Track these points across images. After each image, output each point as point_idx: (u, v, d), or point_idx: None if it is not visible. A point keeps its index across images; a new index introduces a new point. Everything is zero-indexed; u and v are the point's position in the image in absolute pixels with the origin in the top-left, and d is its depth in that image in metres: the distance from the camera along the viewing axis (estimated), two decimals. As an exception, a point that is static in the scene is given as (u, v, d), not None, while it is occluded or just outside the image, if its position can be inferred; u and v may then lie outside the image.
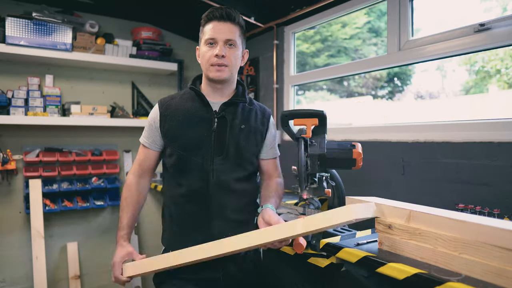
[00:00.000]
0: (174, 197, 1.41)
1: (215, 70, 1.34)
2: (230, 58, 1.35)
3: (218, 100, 1.42)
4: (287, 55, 2.85)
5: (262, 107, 1.52)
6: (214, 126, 1.37)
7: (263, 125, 1.47)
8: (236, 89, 1.47)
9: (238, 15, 1.37)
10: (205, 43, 1.36)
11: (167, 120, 1.39)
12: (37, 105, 2.62)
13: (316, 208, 1.77)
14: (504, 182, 1.54)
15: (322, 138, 1.50)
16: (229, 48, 1.34)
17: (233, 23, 1.35)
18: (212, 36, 1.33)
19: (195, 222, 1.37)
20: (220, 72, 1.34)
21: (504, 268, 0.94)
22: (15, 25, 2.47)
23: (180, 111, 1.40)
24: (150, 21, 3.20)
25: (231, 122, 1.38)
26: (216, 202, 1.36)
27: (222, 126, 1.38)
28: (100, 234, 3.03)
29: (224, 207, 1.37)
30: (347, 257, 1.33)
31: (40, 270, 2.56)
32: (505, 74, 2.74)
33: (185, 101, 1.42)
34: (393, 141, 2.02)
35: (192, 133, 1.36)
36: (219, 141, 1.36)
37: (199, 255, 1.25)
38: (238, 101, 1.43)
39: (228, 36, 1.33)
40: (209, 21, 1.35)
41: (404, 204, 1.30)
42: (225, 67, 1.34)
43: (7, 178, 2.64)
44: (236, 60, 1.38)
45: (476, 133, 1.67)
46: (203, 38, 1.37)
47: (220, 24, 1.33)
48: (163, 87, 3.32)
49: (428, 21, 2.23)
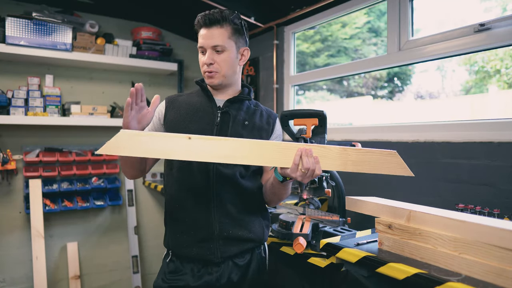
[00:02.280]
0: (174, 195, 1.40)
1: (207, 77, 1.37)
2: (220, 63, 1.35)
3: (223, 98, 1.43)
4: (287, 55, 2.85)
5: (269, 110, 1.52)
6: (217, 120, 1.38)
7: (269, 124, 1.46)
8: (242, 90, 1.48)
9: (225, 16, 1.33)
10: (199, 50, 1.38)
11: (172, 113, 1.40)
12: (37, 105, 2.62)
13: (316, 208, 1.77)
14: (504, 182, 1.55)
15: (322, 138, 1.50)
16: (217, 54, 1.34)
17: (218, 27, 1.33)
18: (200, 44, 1.35)
19: (196, 219, 1.36)
20: (212, 79, 1.37)
21: (504, 268, 0.94)
22: (15, 25, 2.47)
23: (185, 105, 1.42)
24: (150, 21, 3.20)
25: (234, 118, 1.39)
26: (217, 199, 1.35)
27: (225, 121, 1.38)
28: (100, 234, 3.03)
29: (225, 204, 1.36)
30: (347, 257, 1.33)
31: (40, 270, 2.56)
32: (505, 74, 2.74)
33: (192, 97, 1.45)
34: (393, 141, 2.02)
35: (193, 127, 1.36)
36: (221, 135, 1.36)
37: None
38: (243, 99, 1.44)
39: (214, 42, 1.32)
40: (199, 28, 1.37)
41: (404, 204, 1.30)
42: (215, 73, 1.35)
43: (7, 178, 2.64)
44: (227, 63, 1.36)
45: (476, 133, 1.67)
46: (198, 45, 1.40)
47: (207, 31, 1.33)
48: (163, 87, 3.32)
49: (428, 21, 2.23)
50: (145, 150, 1.09)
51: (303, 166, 1.13)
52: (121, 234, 3.12)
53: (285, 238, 1.65)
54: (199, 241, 1.35)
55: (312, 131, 1.47)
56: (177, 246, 1.38)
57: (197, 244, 1.35)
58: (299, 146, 1.15)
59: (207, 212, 1.35)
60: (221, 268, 1.36)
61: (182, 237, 1.37)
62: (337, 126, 2.60)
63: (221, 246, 1.35)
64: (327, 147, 1.18)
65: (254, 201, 1.45)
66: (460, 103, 3.11)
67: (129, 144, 1.08)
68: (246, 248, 1.40)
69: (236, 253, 1.38)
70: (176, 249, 1.39)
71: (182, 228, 1.37)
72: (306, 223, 1.66)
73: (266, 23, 2.84)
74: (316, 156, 1.15)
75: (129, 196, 3.14)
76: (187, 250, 1.35)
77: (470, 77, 3.01)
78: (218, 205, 1.35)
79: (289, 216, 1.80)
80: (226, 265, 1.37)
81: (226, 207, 1.36)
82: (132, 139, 1.08)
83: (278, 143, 1.18)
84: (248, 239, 1.39)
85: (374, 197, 1.45)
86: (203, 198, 1.35)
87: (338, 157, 1.18)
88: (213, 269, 1.36)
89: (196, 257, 1.35)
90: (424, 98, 3.88)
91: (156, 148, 1.10)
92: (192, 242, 1.35)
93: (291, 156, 1.15)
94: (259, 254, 1.46)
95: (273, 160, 1.16)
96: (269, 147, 1.16)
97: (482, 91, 2.96)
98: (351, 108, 4.50)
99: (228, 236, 1.35)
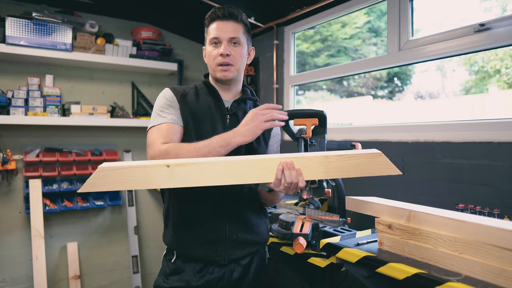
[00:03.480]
0: (181, 196, 1.37)
1: (221, 70, 1.34)
2: (235, 56, 1.34)
3: (227, 99, 1.42)
4: (287, 55, 2.85)
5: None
6: (227, 123, 1.37)
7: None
8: (243, 91, 1.48)
9: (241, 13, 1.37)
10: (210, 43, 1.36)
11: (183, 111, 1.36)
12: (37, 105, 2.62)
13: (316, 208, 1.77)
14: (504, 182, 1.55)
15: (322, 138, 1.50)
16: (233, 47, 1.34)
17: (236, 21, 1.35)
18: (216, 35, 1.33)
19: (203, 222, 1.34)
20: (226, 72, 1.34)
21: (504, 268, 0.94)
22: (15, 25, 2.47)
23: (195, 104, 1.37)
24: (150, 21, 3.20)
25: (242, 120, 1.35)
26: (225, 200, 1.34)
27: (234, 123, 1.36)
28: (100, 234, 3.03)
29: (233, 206, 1.35)
30: (347, 257, 1.33)
31: (40, 270, 2.56)
32: (505, 74, 2.74)
33: (199, 95, 1.41)
34: (393, 141, 2.02)
35: (207, 127, 1.34)
36: None
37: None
38: (249, 99, 1.44)
39: (232, 34, 1.33)
40: (212, 21, 1.36)
41: (404, 204, 1.30)
42: (230, 66, 1.34)
43: (7, 178, 2.64)
44: (242, 58, 1.37)
45: (476, 133, 1.67)
46: (208, 38, 1.38)
47: (223, 23, 1.33)
48: (163, 87, 3.24)
49: (428, 21, 2.23)
50: (127, 182, 1.07)
51: (285, 180, 1.12)
52: (121, 234, 3.12)
53: (285, 238, 1.65)
54: (207, 243, 1.33)
55: (312, 131, 1.47)
56: (182, 246, 1.36)
57: (205, 245, 1.33)
58: (281, 159, 1.13)
59: (216, 214, 1.34)
60: (224, 269, 1.35)
61: (189, 238, 1.35)
62: (337, 126, 2.60)
63: (228, 249, 1.34)
64: (306, 157, 1.15)
65: (258, 201, 1.44)
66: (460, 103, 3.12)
67: (110, 180, 1.06)
68: (252, 250, 1.40)
69: (242, 256, 1.37)
70: (180, 249, 1.37)
71: (189, 228, 1.35)
72: (306, 223, 1.66)
73: (266, 23, 2.84)
74: (298, 168, 1.13)
75: (129, 196, 3.14)
76: (193, 251, 1.34)
77: (470, 77, 3.01)
78: (226, 207, 1.34)
79: (289, 216, 1.80)
80: (230, 266, 1.37)
81: (234, 209, 1.35)
82: (113, 174, 1.07)
83: (261, 159, 1.14)
84: (255, 242, 1.39)
85: (374, 197, 1.45)
86: (211, 199, 1.33)
87: (319, 165, 1.14)
88: (215, 269, 1.35)
89: (201, 258, 1.34)
90: (424, 98, 3.88)
91: (136, 179, 1.07)
92: (199, 244, 1.33)
93: (275, 170, 1.13)
94: (261, 254, 1.47)
95: (261, 176, 1.13)
96: (252, 164, 1.12)
97: (482, 91, 2.96)
98: (351, 108, 4.50)
99: (237, 240, 1.35)
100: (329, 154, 1.15)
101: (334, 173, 1.15)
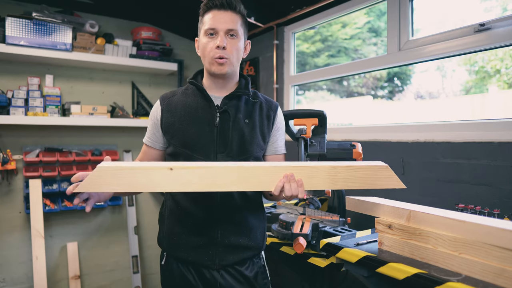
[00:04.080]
0: (176, 198, 1.35)
1: (217, 64, 1.27)
2: (232, 50, 1.26)
3: (220, 95, 1.35)
4: (287, 55, 2.85)
5: (269, 101, 1.41)
6: (217, 122, 1.30)
7: (269, 118, 1.37)
8: (239, 82, 1.39)
9: (239, 3, 1.29)
10: (205, 33, 1.27)
11: (168, 116, 1.32)
12: (37, 105, 2.62)
13: (316, 208, 1.77)
14: (504, 182, 1.55)
15: (322, 138, 1.50)
16: (230, 39, 1.26)
17: (234, 12, 1.26)
18: (212, 26, 1.24)
19: (198, 224, 1.32)
20: (222, 66, 1.27)
21: (504, 268, 0.94)
22: (15, 25, 2.47)
23: (181, 106, 1.33)
24: (150, 21, 3.20)
25: (234, 117, 1.31)
26: (221, 203, 1.30)
27: (224, 121, 1.31)
28: (100, 234, 3.03)
29: (229, 209, 1.32)
30: (347, 257, 1.33)
31: (40, 270, 2.56)
32: (505, 74, 2.73)
33: (187, 96, 1.36)
34: (393, 141, 2.02)
35: (193, 130, 1.29)
36: (222, 137, 1.29)
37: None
38: (241, 94, 1.34)
39: (229, 25, 1.24)
40: (208, 9, 1.27)
41: (404, 204, 1.30)
42: (226, 60, 1.26)
43: (7, 178, 2.64)
44: (238, 52, 1.29)
45: (476, 133, 1.67)
46: (203, 28, 1.28)
47: (221, 13, 1.24)
48: (163, 87, 3.32)
49: (428, 21, 2.23)
50: (127, 184, 1.05)
51: (285, 193, 1.10)
52: (121, 234, 3.12)
53: (285, 238, 1.65)
54: (199, 246, 1.30)
55: (312, 131, 1.47)
56: (173, 248, 1.35)
57: (196, 249, 1.31)
58: (286, 170, 1.11)
59: (211, 216, 1.31)
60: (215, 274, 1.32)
61: (180, 240, 1.32)
62: (337, 126, 2.60)
63: (220, 253, 1.30)
64: (315, 167, 1.14)
65: (256, 205, 1.41)
66: (460, 103, 3.11)
67: (110, 180, 1.04)
68: (244, 257, 1.35)
69: (234, 262, 1.33)
70: (172, 251, 1.36)
71: (181, 231, 1.33)
72: (306, 223, 1.66)
73: (266, 23, 2.84)
74: (299, 179, 1.11)
75: (129, 196, 3.14)
76: (184, 254, 1.32)
77: (470, 77, 3.01)
78: (222, 210, 1.31)
79: (289, 216, 1.80)
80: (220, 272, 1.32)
81: (228, 213, 1.32)
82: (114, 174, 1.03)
83: (265, 166, 1.12)
84: (248, 247, 1.34)
85: (374, 197, 1.45)
86: (207, 202, 1.30)
87: (326, 175, 1.14)
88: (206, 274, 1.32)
89: (192, 262, 1.32)
90: (424, 98, 3.88)
91: (138, 181, 1.05)
92: (190, 247, 1.31)
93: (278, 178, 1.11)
94: (258, 263, 1.40)
95: (264, 184, 1.12)
96: (256, 171, 1.11)
97: (482, 91, 2.96)
98: (351, 108, 4.50)
99: (229, 244, 1.31)
100: (337, 164, 1.15)
101: (341, 184, 1.15)
